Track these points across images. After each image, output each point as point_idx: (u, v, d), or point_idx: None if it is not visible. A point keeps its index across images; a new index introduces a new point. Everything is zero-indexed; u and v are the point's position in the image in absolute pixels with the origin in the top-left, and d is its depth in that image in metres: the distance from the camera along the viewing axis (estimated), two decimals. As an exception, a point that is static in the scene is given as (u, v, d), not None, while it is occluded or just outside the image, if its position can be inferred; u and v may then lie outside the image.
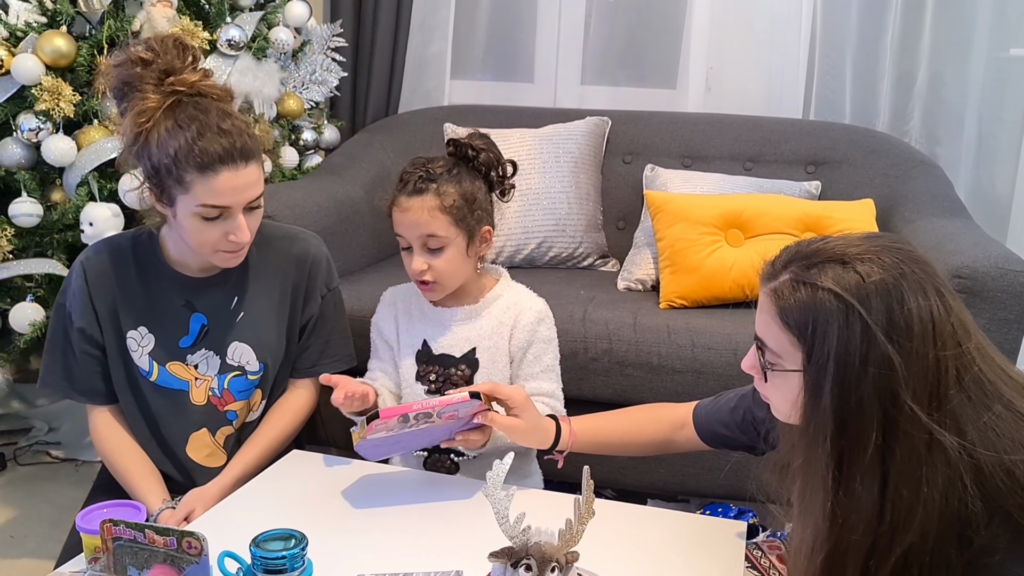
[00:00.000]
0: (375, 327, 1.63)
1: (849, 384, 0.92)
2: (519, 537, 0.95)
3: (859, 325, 0.92)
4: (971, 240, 1.85)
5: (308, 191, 2.29)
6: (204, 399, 1.53)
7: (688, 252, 2.08)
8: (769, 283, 1.02)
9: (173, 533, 0.88)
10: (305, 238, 1.62)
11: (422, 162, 1.51)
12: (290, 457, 1.53)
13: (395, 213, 1.50)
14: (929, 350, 0.91)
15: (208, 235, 1.38)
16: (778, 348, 1.00)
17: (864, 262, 0.94)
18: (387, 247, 2.56)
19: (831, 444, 0.94)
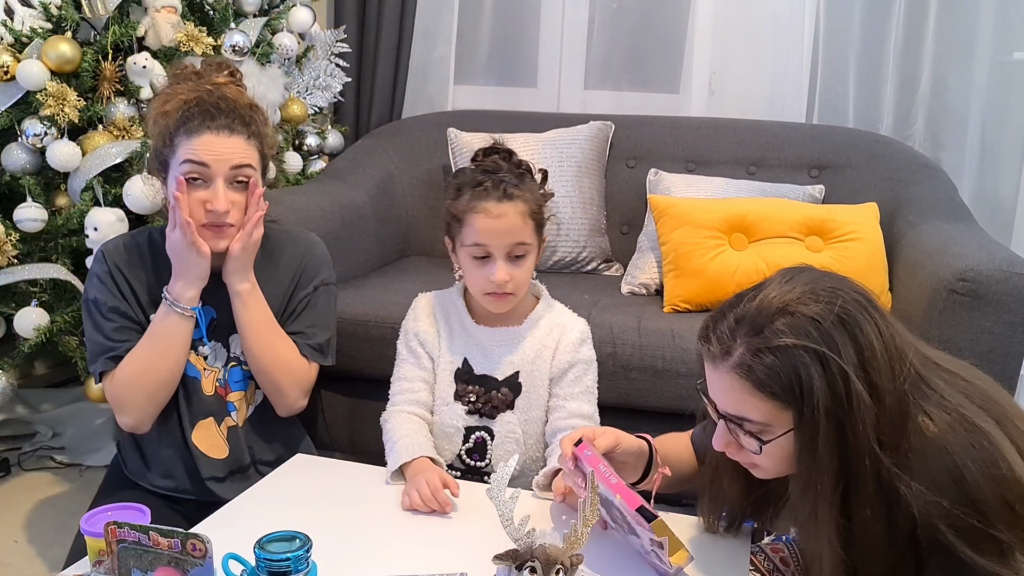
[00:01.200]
0: (412, 335, 1.58)
1: (842, 425, 0.94)
2: (523, 539, 0.95)
3: (836, 368, 0.93)
4: (975, 243, 1.84)
5: (312, 196, 2.30)
6: (212, 390, 1.56)
7: (692, 256, 2.08)
8: (725, 361, 1.01)
9: (177, 535, 0.88)
10: (309, 238, 1.68)
11: (495, 165, 1.47)
12: (294, 461, 1.53)
13: (479, 220, 1.43)
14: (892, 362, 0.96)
15: (191, 202, 1.43)
16: (764, 418, 1.00)
17: (806, 304, 0.97)
18: (391, 251, 2.57)
19: (834, 489, 0.96)
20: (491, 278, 1.43)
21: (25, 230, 1.95)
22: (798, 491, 1.00)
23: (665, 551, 1.08)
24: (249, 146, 1.47)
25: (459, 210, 1.46)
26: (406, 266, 2.51)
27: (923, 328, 1.76)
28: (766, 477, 1.08)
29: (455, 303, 1.55)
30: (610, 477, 1.14)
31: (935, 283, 1.76)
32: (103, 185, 1.96)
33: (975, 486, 0.93)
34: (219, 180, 1.43)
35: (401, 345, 1.59)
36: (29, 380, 2.65)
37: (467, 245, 1.45)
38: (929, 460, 0.95)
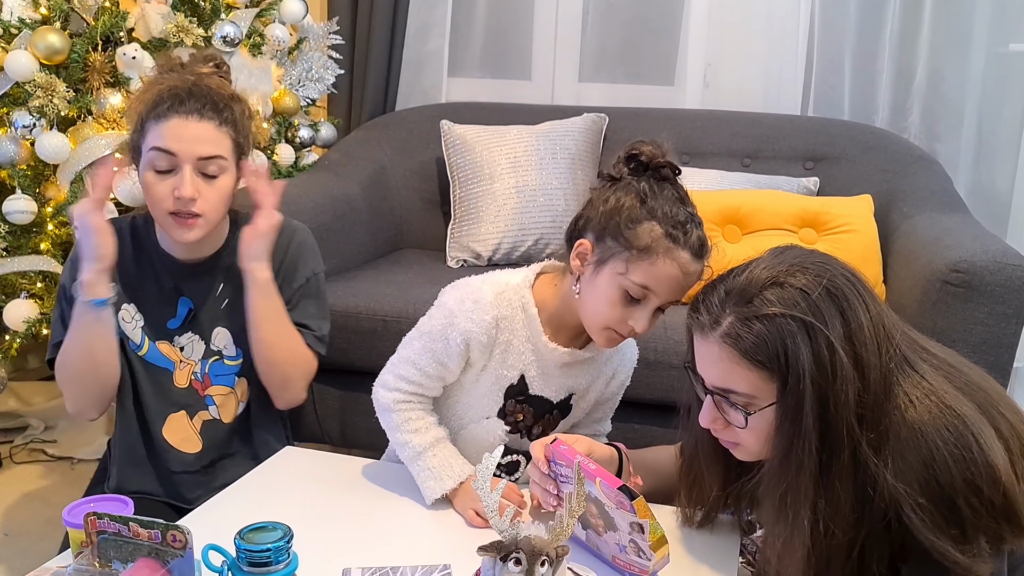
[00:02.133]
0: (460, 334, 1.31)
1: (826, 397, 0.94)
2: (508, 531, 0.94)
3: (822, 337, 0.94)
4: (969, 235, 1.83)
5: (304, 188, 2.29)
6: (186, 382, 1.54)
7: None
8: (714, 331, 1.01)
9: (157, 526, 0.87)
10: (291, 226, 1.60)
11: (685, 201, 1.26)
12: (282, 453, 1.52)
13: (666, 266, 1.20)
14: (879, 339, 0.96)
15: (158, 191, 1.39)
16: (750, 389, 1.00)
17: (796, 276, 0.97)
18: (384, 244, 2.56)
19: (814, 460, 0.96)
20: (630, 321, 1.24)
21: (14, 222, 1.94)
22: (776, 464, 0.99)
23: (646, 535, 1.06)
24: (220, 133, 1.42)
25: (645, 241, 1.20)
26: (398, 258, 2.50)
27: (917, 319, 1.75)
28: (748, 458, 1.08)
29: (528, 311, 1.32)
30: (589, 464, 1.12)
31: (929, 274, 1.75)
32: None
33: (943, 468, 0.94)
34: (187, 167, 1.39)
35: (439, 334, 1.32)
36: (21, 373, 2.64)
37: (634, 281, 1.21)
38: (903, 441, 0.96)
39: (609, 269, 1.23)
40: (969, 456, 0.94)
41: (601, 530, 1.13)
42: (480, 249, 2.39)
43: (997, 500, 0.94)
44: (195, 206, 1.40)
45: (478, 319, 1.30)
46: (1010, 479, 0.94)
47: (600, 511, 1.12)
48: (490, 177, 2.42)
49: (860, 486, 0.96)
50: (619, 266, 1.22)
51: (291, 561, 0.85)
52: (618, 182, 1.27)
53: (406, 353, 1.36)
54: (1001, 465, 0.94)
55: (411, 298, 2.04)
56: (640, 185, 1.24)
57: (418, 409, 1.36)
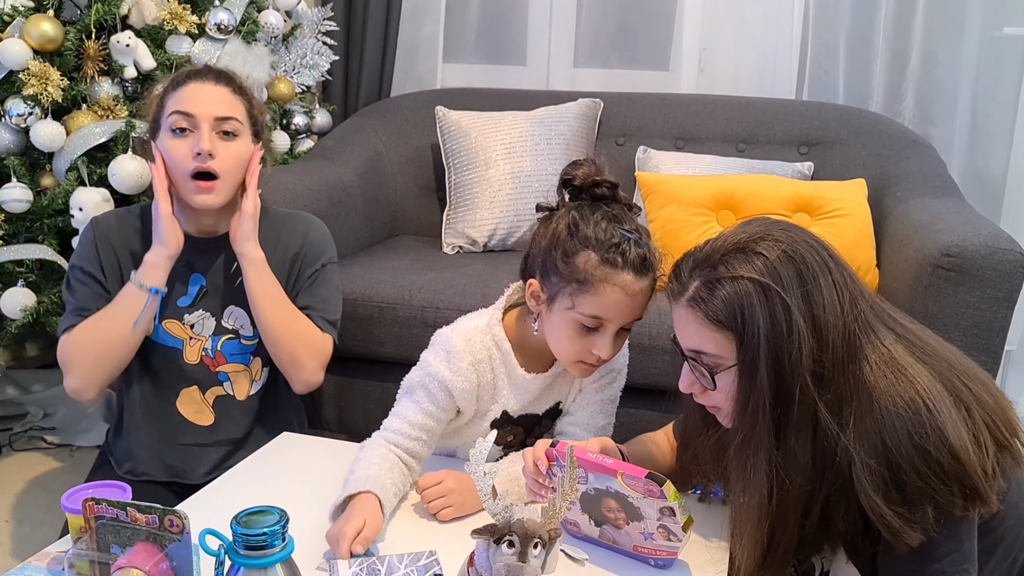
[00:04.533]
0: (440, 385, 1.31)
1: (780, 355, 1.00)
2: (502, 514, 0.96)
3: (778, 299, 1.00)
4: (961, 219, 1.84)
5: (299, 175, 2.29)
6: (197, 359, 1.56)
7: (679, 233, 2.07)
8: (682, 297, 1.08)
9: (155, 511, 0.88)
10: (308, 217, 1.68)
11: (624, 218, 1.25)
12: (280, 439, 1.53)
13: (609, 293, 1.20)
14: (841, 303, 1.01)
15: (178, 152, 1.45)
16: (716, 349, 1.06)
17: (760, 243, 1.03)
18: (379, 231, 2.57)
19: (769, 414, 1.02)
20: (593, 350, 1.24)
21: (10, 211, 1.94)
22: (736, 418, 1.05)
23: (677, 517, 1.08)
24: (235, 99, 1.50)
25: (584, 271, 1.20)
26: (394, 245, 2.51)
27: (909, 304, 1.76)
28: (727, 422, 1.11)
29: (501, 348, 1.32)
30: (605, 459, 1.12)
31: (921, 258, 1.76)
32: (88, 165, 1.95)
33: (891, 431, 0.98)
34: (204, 126, 1.45)
35: (419, 388, 1.32)
36: (20, 361, 2.65)
37: (583, 314, 1.22)
38: (863, 404, 1.01)
39: (558, 306, 1.24)
40: (917, 419, 0.98)
41: (622, 523, 1.14)
42: (475, 235, 2.40)
43: (946, 463, 0.97)
44: (214, 164, 1.45)
45: (455, 367, 1.30)
46: (961, 444, 0.98)
47: (622, 504, 1.13)
48: (485, 163, 2.43)
49: (819, 442, 1.01)
50: (566, 301, 1.23)
51: (287, 545, 0.86)
52: (555, 212, 1.28)
53: (396, 409, 1.35)
54: (951, 429, 0.98)
55: (407, 284, 2.04)
56: (571, 214, 1.24)
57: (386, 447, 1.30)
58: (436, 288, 2.03)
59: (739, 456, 1.05)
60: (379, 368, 2.04)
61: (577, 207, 1.25)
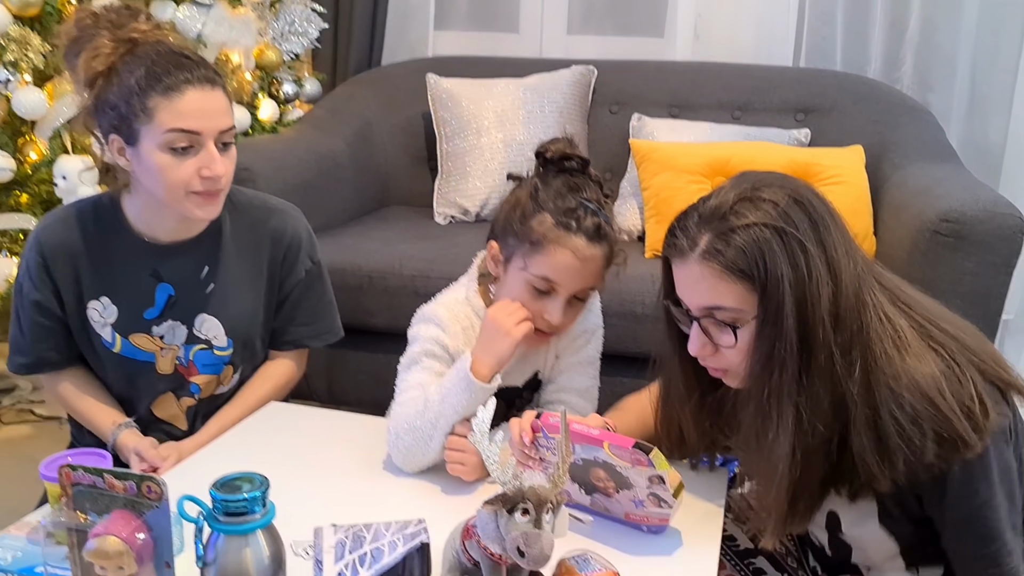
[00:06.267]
0: (440, 346, 1.32)
1: (803, 299, 0.98)
2: (511, 482, 0.93)
3: (795, 242, 0.98)
4: (960, 184, 1.82)
5: (288, 144, 2.26)
6: (171, 368, 1.46)
7: (674, 201, 2.05)
8: (693, 252, 1.03)
9: (132, 478, 0.86)
10: (283, 209, 1.52)
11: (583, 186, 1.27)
12: (267, 408, 1.51)
13: (559, 254, 1.23)
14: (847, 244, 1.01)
15: (179, 173, 1.29)
16: (735, 302, 1.02)
17: (763, 190, 1.01)
18: (369, 202, 2.53)
19: (796, 361, 0.99)
20: (544, 315, 1.26)
21: (-8, 180, 1.90)
22: (758, 369, 1.02)
23: (667, 484, 1.07)
24: (229, 100, 1.34)
25: (538, 232, 1.23)
26: (385, 215, 2.48)
27: (906, 270, 1.73)
28: (739, 383, 1.08)
29: (481, 316, 1.32)
30: (591, 430, 1.11)
31: (918, 224, 1.73)
32: (71, 133, 1.92)
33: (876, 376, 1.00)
34: (209, 143, 1.30)
35: (422, 357, 1.32)
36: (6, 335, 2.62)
37: (533, 274, 1.25)
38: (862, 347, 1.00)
39: (512, 266, 1.28)
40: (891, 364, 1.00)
41: (612, 491, 1.13)
42: (468, 204, 2.37)
43: (921, 409, 0.98)
44: (223, 182, 1.34)
45: (450, 332, 1.32)
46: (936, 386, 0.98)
47: (610, 473, 1.11)
48: (477, 131, 2.39)
49: (836, 386, 1.00)
50: (519, 262, 1.26)
51: (268, 511, 0.84)
52: (522, 182, 1.31)
53: (403, 384, 1.33)
54: (927, 373, 0.99)
55: (397, 254, 2.02)
56: (534, 180, 1.28)
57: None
58: (427, 257, 2.00)
59: (761, 411, 1.02)
60: (369, 339, 2.01)
61: (542, 175, 1.28)
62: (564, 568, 0.98)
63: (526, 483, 0.93)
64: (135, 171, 1.34)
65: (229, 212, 1.44)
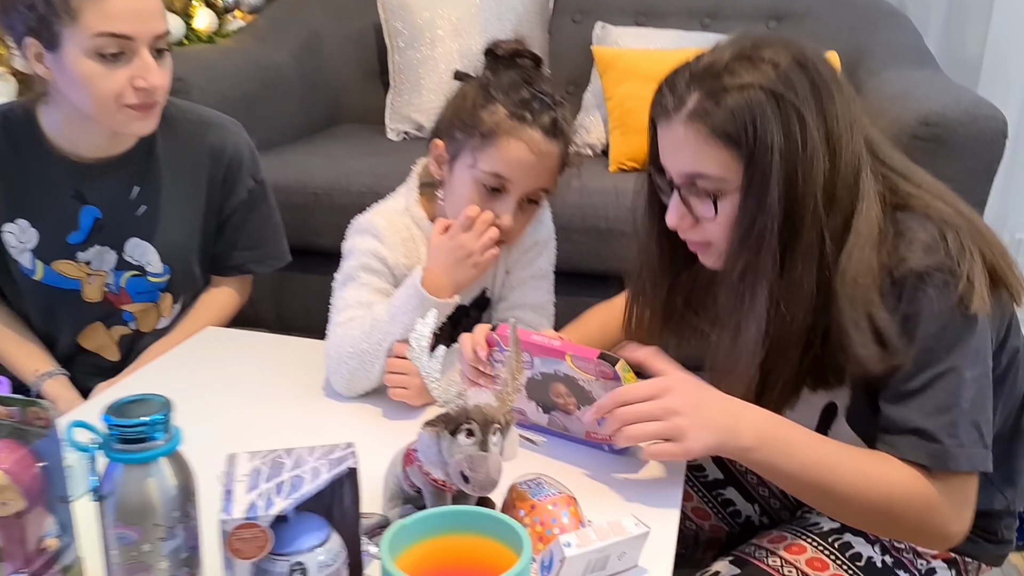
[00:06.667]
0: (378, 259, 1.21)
1: (793, 173, 0.89)
2: (455, 401, 0.84)
3: (792, 110, 0.89)
4: (940, 87, 1.74)
5: (226, 54, 2.12)
6: (99, 296, 1.36)
7: (639, 111, 1.87)
8: (679, 112, 0.93)
9: (17, 403, 0.75)
10: (222, 123, 1.41)
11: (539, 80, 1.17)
12: (202, 335, 1.39)
13: (513, 147, 1.13)
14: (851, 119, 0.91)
15: (109, 83, 1.17)
16: (719, 170, 0.92)
17: (763, 49, 0.92)
18: (319, 118, 2.40)
19: (776, 240, 0.91)
20: (497, 220, 1.16)
21: None
22: (736, 243, 0.93)
23: None
24: (161, 4, 1.22)
25: (489, 124, 1.13)
26: (336, 132, 2.36)
27: (882, 179, 1.65)
28: (716, 262, 1.00)
29: (423, 226, 1.22)
30: (552, 341, 1.02)
31: (896, 129, 1.65)
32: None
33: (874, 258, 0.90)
34: (143, 50, 1.18)
35: (359, 272, 1.21)
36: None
37: (483, 171, 1.14)
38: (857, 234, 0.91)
39: (459, 165, 1.17)
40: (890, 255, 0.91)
41: (573, 408, 1.04)
42: (422, 119, 2.24)
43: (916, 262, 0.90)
44: (159, 93, 1.22)
45: (389, 243, 1.21)
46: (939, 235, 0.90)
47: (572, 388, 1.03)
48: (431, 42, 2.26)
49: (822, 272, 0.91)
50: (467, 158, 1.16)
51: (173, 437, 0.74)
52: (470, 79, 1.21)
53: (339, 302, 1.22)
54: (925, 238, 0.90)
55: (345, 170, 1.90)
56: (484, 73, 1.19)
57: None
58: (377, 172, 1.88)
59: (735, 288, 0.94)
60: (317, 260, 1.89)
61: (492, 69, 1.19)
62: (515, 494, 0.90)
63: (471, 402, 0.84)
64: (56, 80, 1.21)
65: (162, 129, 1.31)
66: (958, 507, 0.90)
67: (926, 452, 0.88)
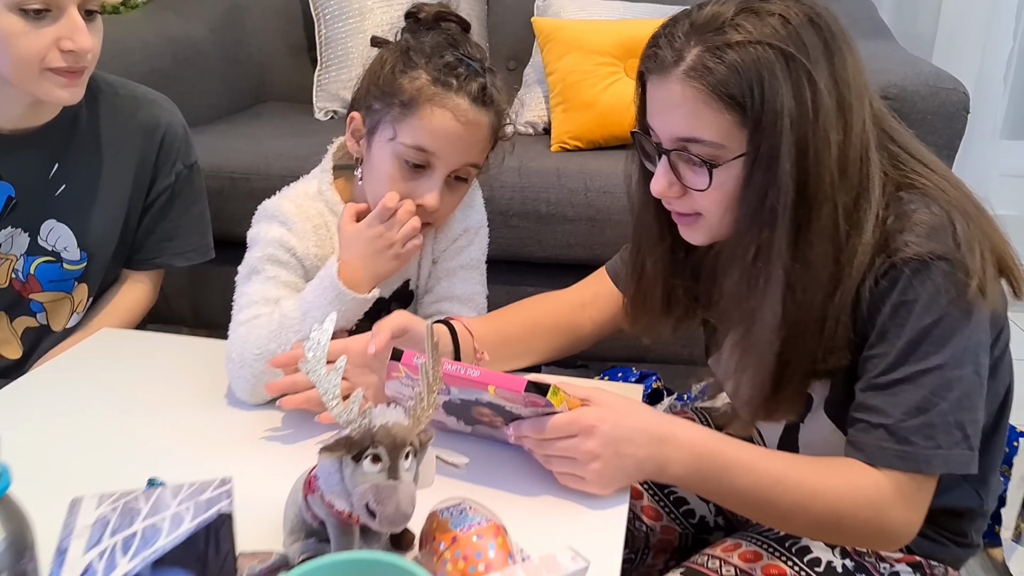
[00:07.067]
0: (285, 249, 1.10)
1: (805, 142, 0.81)
2: (359, 421, 0.71)
3: (803, 72, 0.81)
4: (898, 58, 1.66)
5: (133, 26, 1.96)
6: (5, 281, 1.25)
7: (582, 86, 1.83)
8: (676, 67, 0.84)
9: None
10: (154, 100, 1.33)
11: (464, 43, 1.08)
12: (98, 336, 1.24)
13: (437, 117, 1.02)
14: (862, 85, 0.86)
15: (32, 42, 1.07)
16: (717, 135, 0.84)
17: (777, 2, 0.83)
18: (242, 96, 2.24)
19: (790, 216, 0.82)
20: (418, 197, 1.05)
21: None
22: (746, 223, 0.85)
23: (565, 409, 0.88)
24: None
25: (410, 91, 1.02)
26: (260, 112, 2.21)
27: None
28: (703, 238, 0.92)
29: (336, 211, 1.12)
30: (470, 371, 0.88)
31: (853, 103, 1.55)
32: None
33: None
34: (72, 9, 1.09)
35: (264, 264, 1.10)
36: None
37: (405, 144, 1.03)
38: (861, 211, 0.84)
39: (379, 138, 1.07)
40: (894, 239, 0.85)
41: (500, 424, 0.93)
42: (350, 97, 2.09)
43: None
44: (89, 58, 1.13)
45: (298, 230, 1.10)
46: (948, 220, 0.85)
47: (497, 410, 0.91)
48: (360, 13, 2.12)
49: (837, 250, 0.84)
50: (387, 131, 1.05)
51: (1, 477, 0.60)
52: (389, 44, 1.11)
53: (242, 298, 1.12)
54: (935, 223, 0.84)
55: (264, 151, 1.76)
56: (404, 36, 1.09)
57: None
58: (300, 155, 1.73)
59: (747, 272, 0.86)
60: (235, 251, 1.70)
61: (414, 33, 1.09)
62: (435, 523, 0.77)
63: (378, 421, 0.72)
64: None
65: (87, 102, 1.23)
66: (913, 507, 0.85)
67: (896, 454, 0.83)
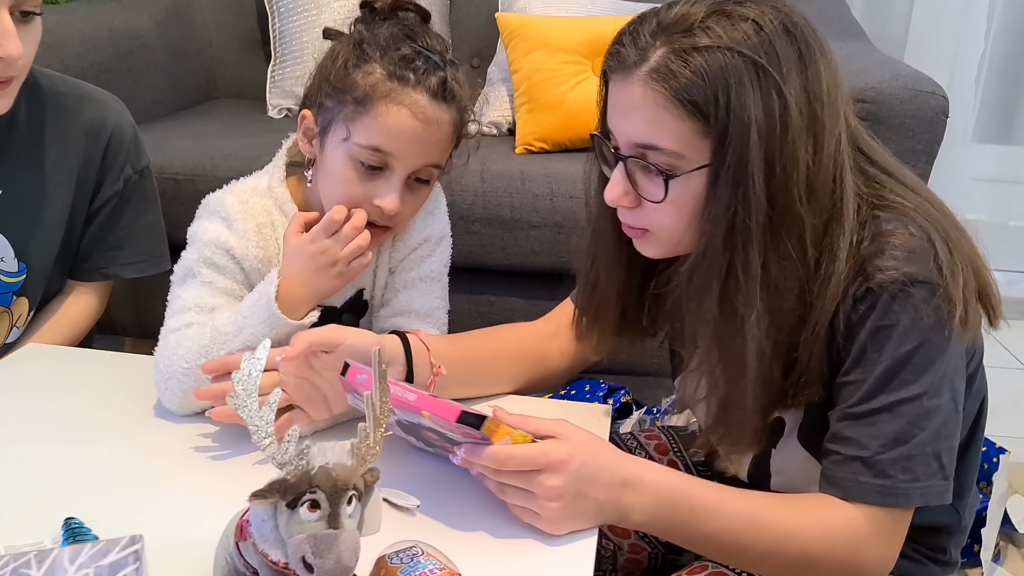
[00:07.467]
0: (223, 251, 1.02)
1: (773, 158, 0.77)
2: (294, 462, 0.63)
3: (773, 82, 0.77)
4: (875, 60, 1.62)
5: (69, 16, 1.85)
6: None
7: (548, 85, 1.77)
8: (639, 68, 0.80)
9: None
10: (102, 100, 1.26)
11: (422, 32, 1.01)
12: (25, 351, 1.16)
13: (393, 114, 0.96)
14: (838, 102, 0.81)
15: None
16: (677, 144, 0.80)
17: (751, 6, 0.79)
18: (191, 93, 2.15)
19: (762, 237, 0.78)
20: (375, 200, 0.98)
21: None
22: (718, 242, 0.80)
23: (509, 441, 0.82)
24: None
25: (364, 87, 0.96)
26: (209, 109, 2.12)
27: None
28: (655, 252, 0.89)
29: (286, 212, 1.05)
30: (407, 393, 0.83)
31: (829, 106, 1.50)
32: None
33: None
34: (2, 10, 1.02)
35: (200, 267, 1.03)
36: None
37: (359, 144, 0.97)
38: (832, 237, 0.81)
39: (332, 138, 1.00)
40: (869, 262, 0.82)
41: (450, 447, 0.87)
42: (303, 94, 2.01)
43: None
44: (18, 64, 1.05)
45: (239, 230, 1.03)
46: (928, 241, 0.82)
47: (441, 436, 0.85)
48: (316, 6, 2.04)
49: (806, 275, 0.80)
50: (340, 130, 0.98)
51: None
52: (341, 36, 1.04)
53: (175, 302, 1.04)
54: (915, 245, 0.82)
55: (211, 151, 1.68)
56: (357, 27, 1.02)
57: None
58: (248, 155, 1.64)
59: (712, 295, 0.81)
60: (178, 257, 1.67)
61: (367, 23, 1.02)
62: (384, 570, 0.70)
63: (316, 462, 0.64)
64: None
65: (27, 99, 1.16)
66: (888, 543, 0.82)
67: (873, 489, 0.80)
